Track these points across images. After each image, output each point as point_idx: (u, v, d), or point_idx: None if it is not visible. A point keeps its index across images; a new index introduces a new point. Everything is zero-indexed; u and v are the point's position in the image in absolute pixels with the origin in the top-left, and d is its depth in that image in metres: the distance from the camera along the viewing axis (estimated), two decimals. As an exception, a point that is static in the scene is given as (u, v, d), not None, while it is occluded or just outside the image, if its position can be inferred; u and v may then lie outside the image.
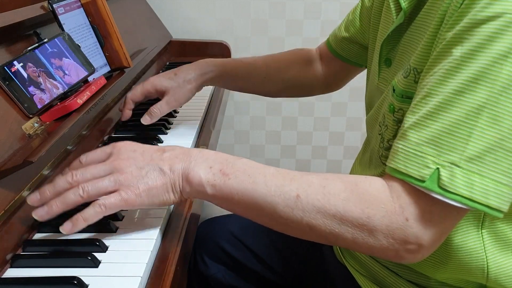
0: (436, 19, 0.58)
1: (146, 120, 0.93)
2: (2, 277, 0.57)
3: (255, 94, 1.07)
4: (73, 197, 0.59)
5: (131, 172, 0.60)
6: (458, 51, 0.51)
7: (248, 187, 0.58)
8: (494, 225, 0.64)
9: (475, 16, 0.51)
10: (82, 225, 0.59)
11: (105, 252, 0.61)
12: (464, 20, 0.52)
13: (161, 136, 0.96)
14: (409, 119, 0.55)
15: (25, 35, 0.82)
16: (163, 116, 1.00)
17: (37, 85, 0.76)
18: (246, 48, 1.69)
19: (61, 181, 0.61)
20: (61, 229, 0.59)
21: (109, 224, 0.65)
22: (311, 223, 0.56)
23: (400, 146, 0.54)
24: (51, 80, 0.79)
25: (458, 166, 0.51)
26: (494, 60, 0.49)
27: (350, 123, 1.79)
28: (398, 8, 0.68)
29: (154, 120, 0.93)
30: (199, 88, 0.97)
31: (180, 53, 1.61)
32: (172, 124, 1.03)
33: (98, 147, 0.89)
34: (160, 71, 1.40)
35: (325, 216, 0.55)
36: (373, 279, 0.78)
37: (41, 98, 0.75)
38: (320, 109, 1.76)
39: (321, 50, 1.05)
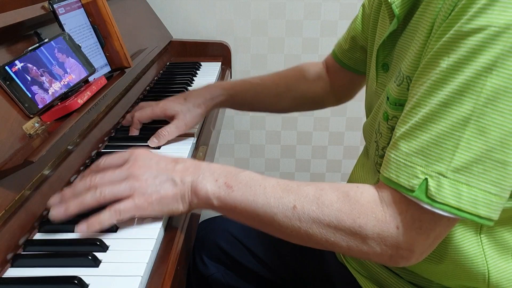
0: (426, 26, 0.59)
1: (153, 143, 0.90)
2: (3, 276, 0.57)
3: (267, 112, 1.06)
4: (89, 199, 0.62)
5: (146, 180, 0.63)
6: (444, 63, 0.52)
7: (249, 198, 0.61)
8: (493, 230, 0.64)
9: (461, 28, 0.51)
10: (97, 228, 0.62)
11: (105, 251, 0.61)
12: (451, 31, 0.52)
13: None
14: (400, 129, 0.56)
15: (25, 35, 0.82)
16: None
17: (38, 85, 0.76)
18: (246, 48, 1.69)
19: (80, 184, 0.65)
20: (76, 228, 0.62)
21: (110, 224, 0.65)
22: (308, 232, 0.58)
23: (392, 155, 0.56)
24: (51, 80, 0.79)
25: (445, 177, 0.52)
26: (479, 73, 0.50)
27: (350, 123, 1.79)
28: (392, 14, 0.68)
29: (162, 143, 0.91)
30: (208, 112, 0.97)
31: (180, 53, 1.61)
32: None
33: (98, 147, 0.90)
34: (161, 71, 1.41)
35: (320, 226, 0.58)
36: (374, 281, 0.78)
37: (41, 98, 0.76)
38: (320, 109, 1.76)
39: (327, 63, 1.05)
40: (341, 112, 1.76)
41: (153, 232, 0.65)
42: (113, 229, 0.65)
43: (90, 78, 0.90)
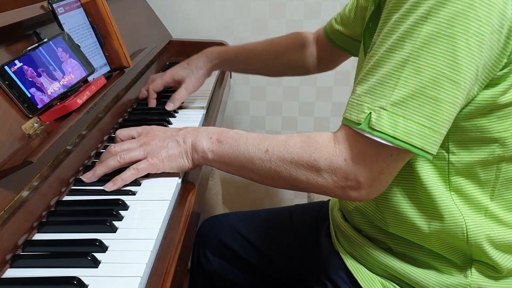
0: None
1: (170, 106, 1.07)
2: (2, 277, 0.57)
3: (257, 75, 1.25)
4: (112, 162, 0.76)
5: (156, 144, 0.77)
6: (394, 18, 0.61)
7: (234, 148, 0.73)
8: (461, 188, 0.69)
9: None
10: (121, 184, 0.74)
11: (105, 252, 0.61)
12: None
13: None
14: (358, 78, 0.65)
15: (25, 35, 0.82)
16: (163, 117, 1.04)
17: (37, 85, 0.76)
18: (246, 48, 1.69)
19: (104, 154, 0.79)
20: (104, 187, 0.74)
21: (109, 224, 0.65)
22: (276, 170, 0.69)
23: (350, 99, 0.65)
24: (51, 80, 0.79)
25: (385, 109, 0.59)
26: (416, 21, 0.58)
27: (350, 123, 1.78)
28: None
29: (177, 105, 1.08)
30: (209, 73, 1.14)
31: (180, 53, 1.61)
32: (172, 124, 1.03)
33: (97, 147, 0.90)
34: (160, 71, 1.41)
35: (285, 163, 0.68)
36: (363, 263, 0.80)
37: (41, 98, 0.75)
38: (320, 109, 1.76)
39: (318, 35, 1.15)
40: (341, 112, 1.75)
41: (153, 232, 0.65)
42: (113, 229, 0.65)
43: (90, 78, 0.90)
